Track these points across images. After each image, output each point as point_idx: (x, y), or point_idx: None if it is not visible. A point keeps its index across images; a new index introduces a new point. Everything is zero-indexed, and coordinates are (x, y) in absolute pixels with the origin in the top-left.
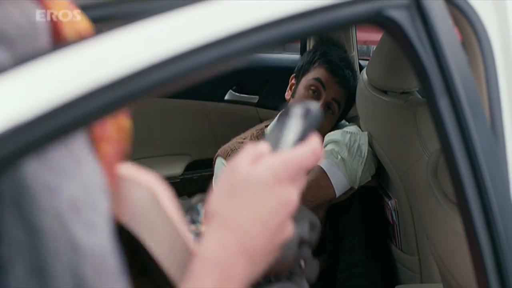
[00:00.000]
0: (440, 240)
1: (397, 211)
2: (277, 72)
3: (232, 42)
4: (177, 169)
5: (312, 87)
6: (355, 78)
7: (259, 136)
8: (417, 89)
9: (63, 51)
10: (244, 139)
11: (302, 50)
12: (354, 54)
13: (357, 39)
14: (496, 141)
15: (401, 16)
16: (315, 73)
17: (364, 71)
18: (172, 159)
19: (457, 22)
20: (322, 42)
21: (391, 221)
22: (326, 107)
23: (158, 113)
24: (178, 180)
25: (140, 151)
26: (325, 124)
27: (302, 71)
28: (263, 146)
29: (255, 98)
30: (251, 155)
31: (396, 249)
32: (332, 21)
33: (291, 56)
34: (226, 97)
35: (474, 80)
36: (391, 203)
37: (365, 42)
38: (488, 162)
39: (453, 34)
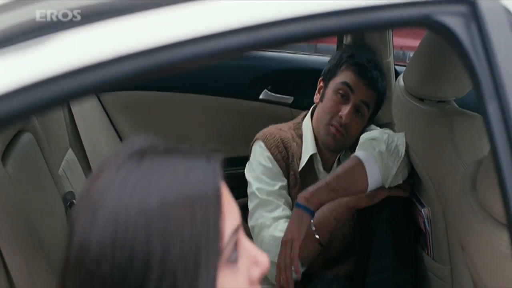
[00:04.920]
0: (476, 252)
1: (430, 220)
2: (312, 74)
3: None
4: None
5: (340, 91)
6: (383, 79)
7: (296, 129)
8: (454, 98)
9: None
10: (281, 129)
11: (339, 45)
12: (390, 59)
13: (394, 44)
14: None
15: (454, 22)
16: (343, 76)
17: (400, 77)
18: None
19: None
20: (350, 45)
21: (423, 229)
22: (356, 110)
23: (191, 109)
24: None
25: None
26: (355, 126)
27: (329, 74)
28: None
29: (289, 99)
30: None
31: (428, 258)
32: (380, 20)
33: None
34: (260, 96)
35: None
36: (424, 211)
37: (401, 48)
38: None
39: (510, 46)
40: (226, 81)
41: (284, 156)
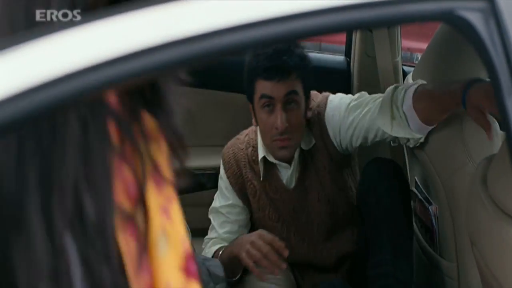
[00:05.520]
0: (487, 247)
1: (437, 217)
2: (319, 71)
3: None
4: (218, 160)
5: (264, 105)
6: (294, 48)
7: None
8: None
9: None
10: (239, 138)
11: (347, 51)
12: (399, 59)
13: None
14: None
15: (474, 17)
16: (258, 90)
17: (409, 76)
18: (213, 150)
19: None
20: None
21: (430, 227)
22: (286, 106)
23: (202, 104)
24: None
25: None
26: (295, 118)
27: (249, 96)
28: None
29: None
30: None
31: (435, 255)
32: (401, 14)
33: (336, 57)
34: None
35: None
36: (431, 209)
37: (408, 49)
38: None
39: None
40: (234, 77)
41: (234, 172)
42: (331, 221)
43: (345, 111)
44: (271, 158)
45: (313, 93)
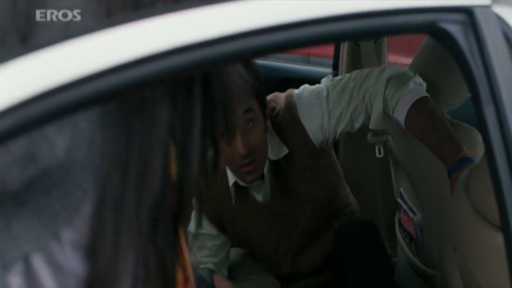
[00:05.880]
0: (469, 253)
1: (421, 227)
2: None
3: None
4: None
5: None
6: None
7: None
8: (447, 110)
9: None
10: None
11: (335, 64)
12: None
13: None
14: None
15: (455, 29)
16: None
17: None
18: None
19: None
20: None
21: (414, 236)
22: (244, 126)
23: None
24: None
25: None
26: (256, 136)
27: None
28: None
29: None
30: None
31: (419, 264)
32: (387, 26)
33: (324, 70)
34: None
35: None
36: (415, 219)
37: (395, 64)
38: None
39: (503, 51)
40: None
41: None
42: (316, 221)
43: (327, 105)
44: (242, 183)
45: (273, 95)
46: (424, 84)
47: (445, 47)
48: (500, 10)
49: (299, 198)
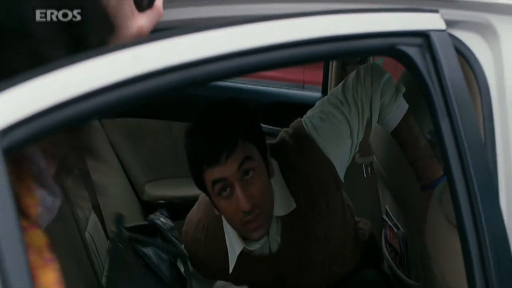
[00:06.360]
0: (442, 257)
1: (405, 241)
2: (301, 107)
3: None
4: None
5: (220, 190)
6: (234, 111)
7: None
8: (428, 130)
9: None
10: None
11: (324, 88)
12: None
13: None
14: (488, 158)
15: (412, 51)
16: (207, 179)
17: None
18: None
19: (461, 63)
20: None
21: (399, 251)
22: (244, 176)
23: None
24: None
25: (168, 171)
26: (258, 186)
27: (200, 187)
28: None
29: (279, 130)
30: None
31: (404, 277)
32: (352, 48)
33: (314, 94)
34: None
35: (472, 107)
36: (399, 234)
37: None
38: (480, 177)
39: (457, 70)
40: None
41: (201, 264)
42: (325, 256)
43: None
44: (247, 247)
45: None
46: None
47: (405, 67)
48: (455, 33)
49: (308, 244)
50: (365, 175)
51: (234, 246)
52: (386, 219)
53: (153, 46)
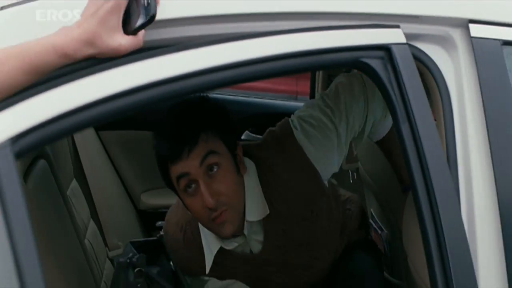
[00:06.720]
0: (415, 253)
1: (389, 242)
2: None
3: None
4: None
5: (186, 187)
6: (201, 104)
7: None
8: None
9: None
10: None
11: (311, 97)
12: None
13: None
14: (448, 157)
15: (375, 63)
16: (172, 175)
17: None
18: None
19: (422, 72)
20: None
21: (383, 251)
22: (208, 172)
23: None
24: None
25: (159, 181)
26: (225, 182)
27: (169, 185)
28: None
29: None
30: None
31: (389, 277)
32: (321, 62)
33: (300, 104)
34: (242, 137)
35: (430, 113)
36: (383, 235)
37: None
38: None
39: (416, 79)
40: None
41: (184, 264)
42: (310, 255)
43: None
44: (218, 243)
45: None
46: None
47: (369, 78)
48: (419, 45)
49: (292, 241)
50: (351, 181)
51: (210, 245)
52: (372, 222)
53: (140, 64)
